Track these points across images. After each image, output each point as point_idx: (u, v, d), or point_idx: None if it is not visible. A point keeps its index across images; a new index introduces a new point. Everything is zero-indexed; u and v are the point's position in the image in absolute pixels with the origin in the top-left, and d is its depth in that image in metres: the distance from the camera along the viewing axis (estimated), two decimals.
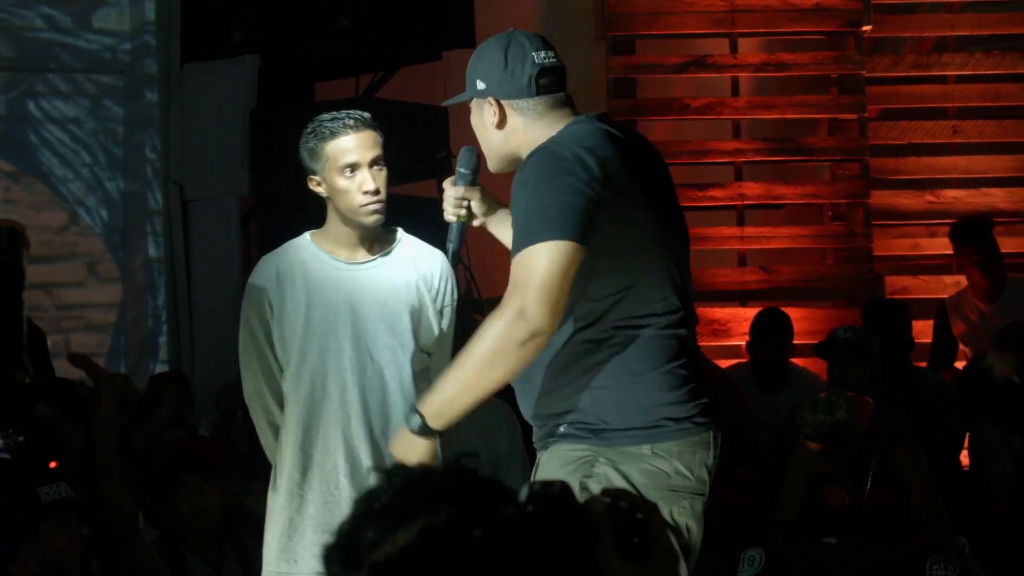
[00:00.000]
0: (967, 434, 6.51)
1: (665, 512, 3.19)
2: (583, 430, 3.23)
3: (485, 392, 3.18)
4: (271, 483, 4.11)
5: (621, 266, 3.20)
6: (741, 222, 8.11)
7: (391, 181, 4.08)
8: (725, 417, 3.65)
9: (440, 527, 1.48)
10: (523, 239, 3.09)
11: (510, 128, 3.34)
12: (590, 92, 8.17)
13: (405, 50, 6.78)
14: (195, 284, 6.96)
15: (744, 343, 7.02)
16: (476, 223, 3.60)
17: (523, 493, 1.55)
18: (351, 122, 4.01)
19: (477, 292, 7.12)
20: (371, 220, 4.01)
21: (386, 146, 4.07)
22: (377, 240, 4.11)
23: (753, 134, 8.30)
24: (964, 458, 6.58)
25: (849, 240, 8.08)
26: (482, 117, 3.38)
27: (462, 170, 3.56)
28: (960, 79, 8.43)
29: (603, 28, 8.19)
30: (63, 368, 4.91)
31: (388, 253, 4.12)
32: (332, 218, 4.09)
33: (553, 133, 3.27)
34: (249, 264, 6.97)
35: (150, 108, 7.08)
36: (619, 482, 3.15)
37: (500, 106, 3.33)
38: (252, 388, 4.14)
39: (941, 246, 7.86)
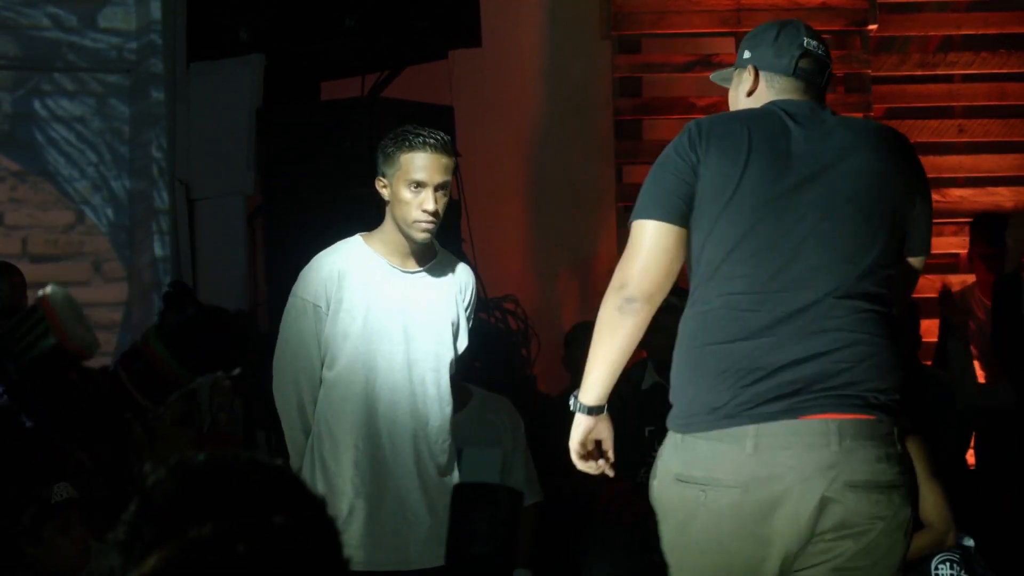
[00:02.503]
0: (973, 433, 6.50)
1: (675, 496, 3.26)
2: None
3: (615, 359, 3.31)
4: (320, 485, 4.18)
5: (711, 245, 3.26)
6: None
7: None
8: None
9: (204, 541, 1.47)
10: (634, 210, 3.33)
11: (756, 98, 3.45)
12: (596, 91, 8.17)
13: (411, 49, 6.78)
14: (201, 283, 6.94)
15: None
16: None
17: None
18: (432, 141, 4.21)
19: (483, 292, 7.11)
20: (421, 237, 4.19)
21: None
22: (424, 252, 4.28)
23: None
24: (970, 457, 6.58)
25: None
26: (738, 86, 3.50)
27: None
28: (966, 78, 8.42)
29: (609, 27, 8.19)
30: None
31: (432, 266, 4.30)
32: (388, 223, 4.25)
33: None
34: (255, 263, 6.97)
35: (156, 107, 7.07)
36: (660, 466, 3.30)
37: (757, 75, 3.46)
38: (289, 379, 4.24)
39: (947, 245, 7.86)
